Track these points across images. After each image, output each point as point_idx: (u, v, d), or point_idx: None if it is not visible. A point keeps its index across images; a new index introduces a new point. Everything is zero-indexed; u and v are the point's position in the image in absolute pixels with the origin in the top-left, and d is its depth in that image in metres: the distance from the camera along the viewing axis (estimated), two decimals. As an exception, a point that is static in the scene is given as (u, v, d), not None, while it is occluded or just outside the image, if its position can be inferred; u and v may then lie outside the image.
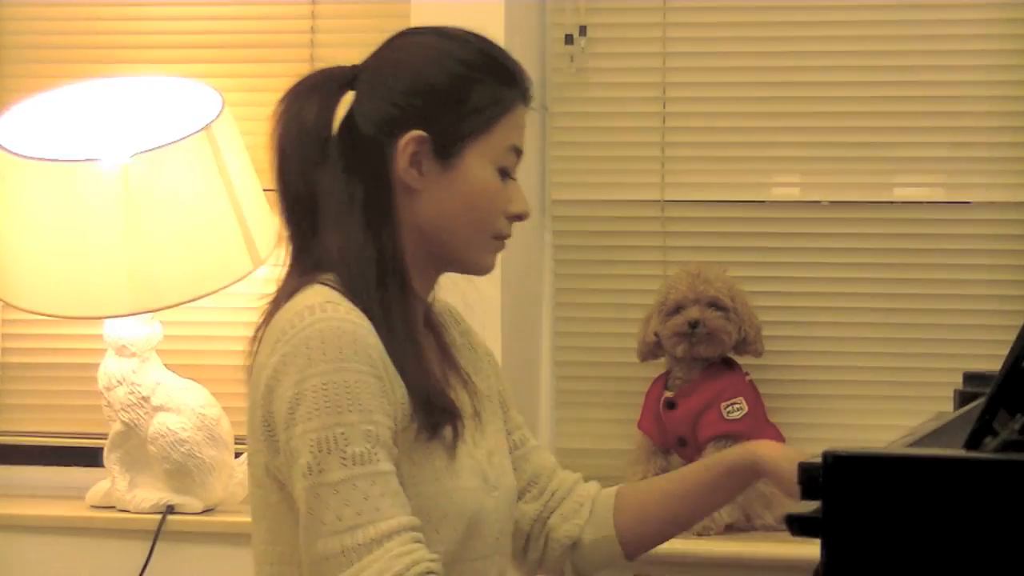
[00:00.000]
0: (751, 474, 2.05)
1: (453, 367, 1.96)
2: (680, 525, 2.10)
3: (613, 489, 2.11)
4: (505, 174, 1.89)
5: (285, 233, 1.89)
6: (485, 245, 1.91)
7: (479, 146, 1.86)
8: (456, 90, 1.86)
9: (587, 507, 2.08)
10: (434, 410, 1.82)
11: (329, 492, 1.69)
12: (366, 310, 1.78)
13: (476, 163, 1.86)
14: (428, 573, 1.69)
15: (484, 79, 1.88)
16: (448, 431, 1.83)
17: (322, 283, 1.81)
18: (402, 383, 1.78)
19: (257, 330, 1.84)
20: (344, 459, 1.69)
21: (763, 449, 2.04)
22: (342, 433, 1.70)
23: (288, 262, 1.89)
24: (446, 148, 1.85)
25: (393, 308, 1.82)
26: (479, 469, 1.88)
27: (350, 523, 1.68)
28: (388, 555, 1.67)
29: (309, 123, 1.87)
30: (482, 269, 1.93)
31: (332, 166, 1.85)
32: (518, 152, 1.91)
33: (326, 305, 1.76)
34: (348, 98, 1.88)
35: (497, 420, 2.00)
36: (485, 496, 1.87)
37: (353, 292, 1.80)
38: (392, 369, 1.78)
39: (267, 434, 1.77)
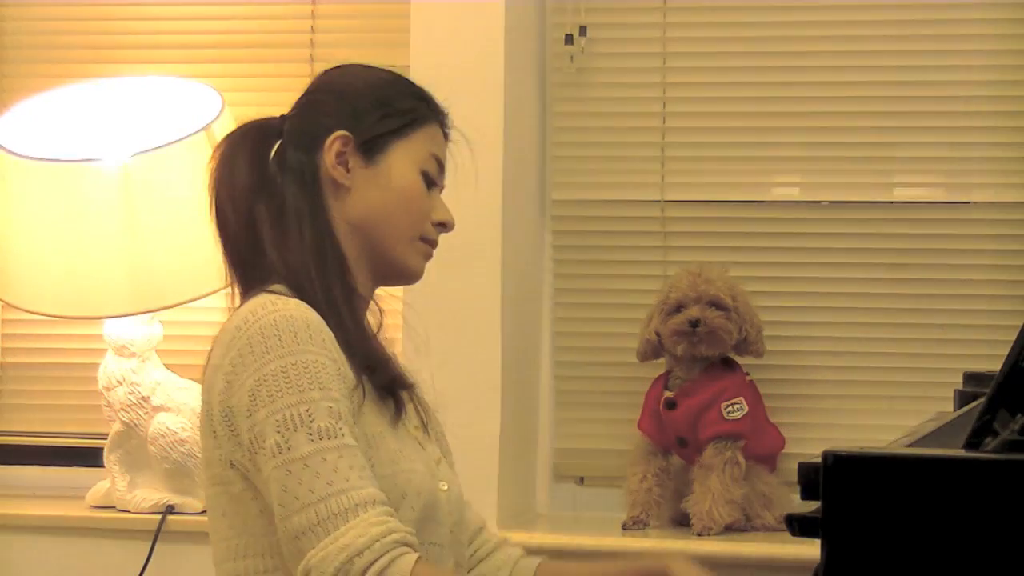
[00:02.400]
0: None
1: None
2: None
3: (534, 562, 2.09)
4: (430, 182, 1.97)
5: (229, 269, 1.96)
6: (413, 246, 1.97)
7: (401, 147, 1.95)
8: (377, 94, 1.97)
9: (505, 572, 2.09)
10: (376, 375, 1.88)
11: (299, 467, 1.73)
12: (309, 300, 1.85)
13: (399, 162, 1.95)
14: (404, 543, 1.72)
15: (402, 91, 1.99)
16: (391, 400, 1.89)
17: (268, 291, 1.87)
18: (349, 364, 1.84)
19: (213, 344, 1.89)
20: (311, 434, 1.74)
21: (676, 564, 2.01)
22: (306, 410, 1.75)
23: (237, 291, 1.95)
24: (369, 145, 1.94)
25: (334, 292, 1.89)
26: (429, 463, 1.92)
27: (322, 494, 1.72)
28: (364, 523, 1.71)
29: (241, 177, 1.94)
30: (412, 272, 1.99)
31: (266, 198, 1.93)
32: (439, 163, 1.99)
33: (276, 300, 1.83)
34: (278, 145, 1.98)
35: (441, 444, 2.03)
36: (435, 485, 1.91)
37: (297, 288, 1.87)
38: (340, 351, 1.83)
39: (228, 429, 1.81)
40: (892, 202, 3.06)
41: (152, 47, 3.25)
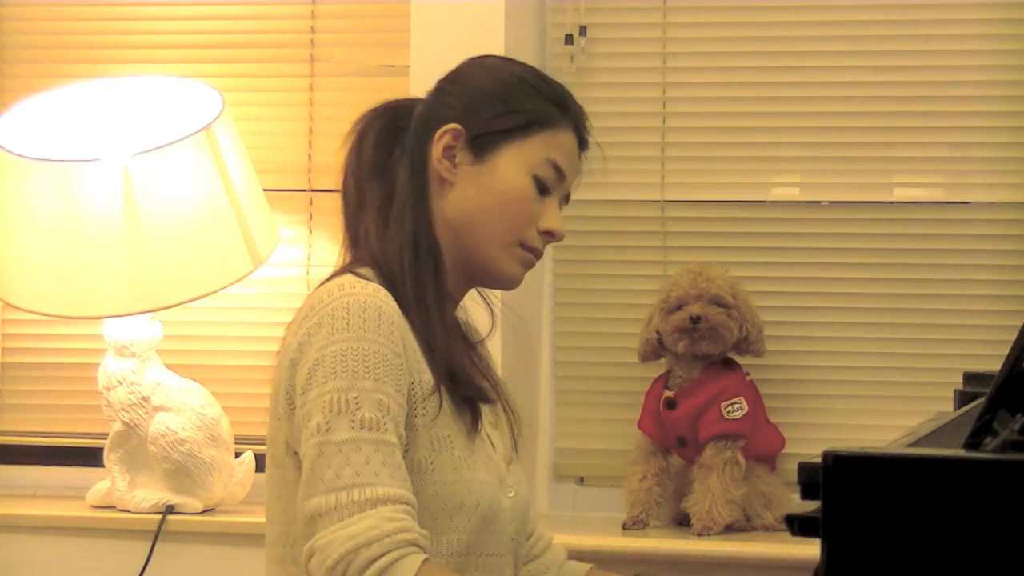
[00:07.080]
0: None
1: (488, 373, 1.98)
2: None
3: (583, 568, 2.11)
4: (543, 188, 1.92)
5: (344, 244, 1.95)
6: (511, 252, 1.92)
7: (514, 148, 1.90)
8: (501, 92, 1.91)
9: (552, 574, 2.10)
10: (459, 385, 1.86)
11: (333, 450, 1.72)
12: (398, 292, 1.83)
13: (509, 163, 1.90)
14: (414, 544, 1.71)
15: (534, 92, 1.93)
16: (469, 413, 1.87)
17: (355, 273, 1.86)
18: (425, 363, 1.82)
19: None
20: (353, 421, 1.73)
21: None
22: (355, 397, 1.74)
23: (339, 265, 1.94)
24: (480, 142, 1.89)
25: (426, 289, 1.86)
26: (496, 469, 1.90)
27: (347, 482, 1.71)
28: (379, 516, 1.70)
29: (367, 155, 1.94)
30: (508, 278, 1.94)
31: (382, 180, 1.92)
32: (559, 170, 1.93)
33: (355, 283, 1.82)
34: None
35: (509, 440, 2.00)
36: (501, 494, 1.89)
37: (388, 278, 1.85)
38: (414, 348, 1.82)
39: (288, 406, 1.81)
40: (892, 202, 3.06)
41: (152, 47, 3.25)
